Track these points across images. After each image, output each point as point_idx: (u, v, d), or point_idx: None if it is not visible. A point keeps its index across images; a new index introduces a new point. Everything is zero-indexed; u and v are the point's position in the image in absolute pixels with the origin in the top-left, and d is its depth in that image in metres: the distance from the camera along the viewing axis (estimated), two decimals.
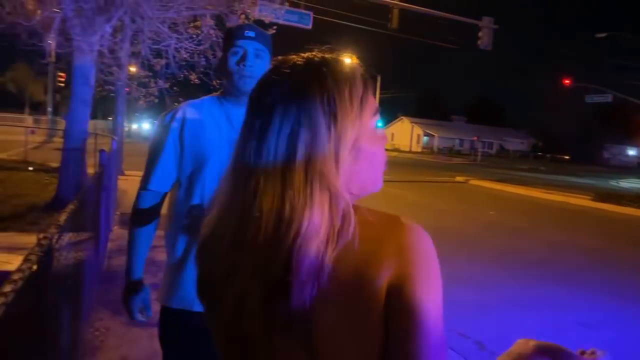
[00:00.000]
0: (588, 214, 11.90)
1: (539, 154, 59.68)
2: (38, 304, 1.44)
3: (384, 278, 0.61)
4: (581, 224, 10.33)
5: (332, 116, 0.64)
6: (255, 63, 1.52)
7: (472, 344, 3.60)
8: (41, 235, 1.39)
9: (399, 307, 0.61)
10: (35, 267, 1.24)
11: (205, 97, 1.63)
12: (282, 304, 0.61)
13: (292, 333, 0.62)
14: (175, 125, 1.52)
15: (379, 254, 0.61)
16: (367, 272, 0.61)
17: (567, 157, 59.21)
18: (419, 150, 59.75)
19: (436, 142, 61.05)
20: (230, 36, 1.57)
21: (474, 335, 3.73)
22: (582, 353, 0.75)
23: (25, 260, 1.18)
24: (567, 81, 29.75)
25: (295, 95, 0.65)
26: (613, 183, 24.06)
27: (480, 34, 17.73)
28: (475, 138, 52.57)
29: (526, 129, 69.63)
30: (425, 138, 63.00)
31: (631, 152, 61.19)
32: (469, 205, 12.09)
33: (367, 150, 0.69)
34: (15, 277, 1.08)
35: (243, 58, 1.51)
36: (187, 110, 1.54)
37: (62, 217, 1.74)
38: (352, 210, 0.63)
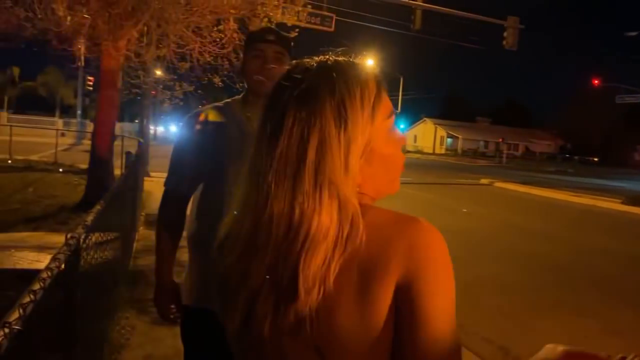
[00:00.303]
0: (617, 218, 11.55)
1: (567, 155, 58.20)
2: (66, 301, 1.49)
3: (391, 279, 0.60)
4: (610, 228, 10.03)
5: (343, 121, 0.64)
6: (276, 67, 1.54)
7: (496, 349, 3.54)
8: (69, 235, 1.43)
9: (407, 308, 0.60)
10: (63, 266, 1.27)
11: (227, 100, 1.65)
12: (290, 307, 0.62)
13: (299, 336, 0.62)
14: (198, 127, 1.54)
15: (387, 255, 0.61)
16: (375, 274, 0.61)
17: (596, 159, 57.57)
18: (443, 152, 59.04)
19: (460, 144, 60.21)
20: (251, 40, 1.60)
21: (498, 340, 3.67)
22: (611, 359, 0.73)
23: (54, 259, 1.21)
24: (596, 81, 28.98)
25: (305, 100, 0.64)
26: None
27: (505, 34, 17.43)
28: (500, 140, 51.61)
29: (553, 130, 68.00)
30: (449, 140, 62.20)
31: None
32: (493, 208, 11.88)
33: (382, 153, 0.69)
34: (44, 275, 1.11)
35: (263, 61, 1.53)
36: (210, 112, 1.57)
37: (89, 218, 1.79)
38: (360, 216, 0.63)
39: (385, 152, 0.70)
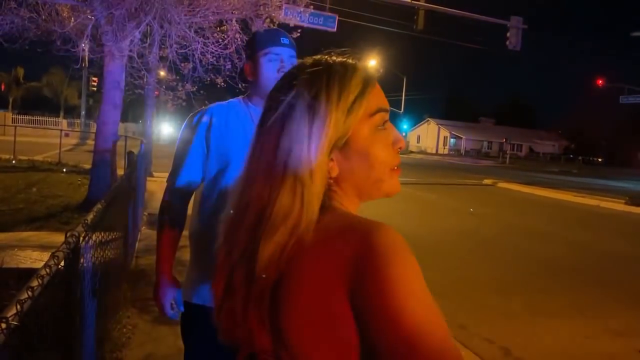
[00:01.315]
0: (621, 218, 11.51)
1: (571, 156, 57.99)
2: (65, 299, 1.50)
3: (342, 279, 0.59)
4: (613, 229, 9.99)
5: (313, 113, 0.66)
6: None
7: (498, 350, 3.53)
8: (68, 234, 1.45)
9: (361, 309, 0.58)
10: (62, 264, 1.29)
11: (231, 100, 1.67)
12: (254, 284, 0.66)
13: (262, 311, 0.66)
14: (202, 126, 1.56)
15: (341, 255, 0.60)
16: (329, 271, 0.61)
17: (600, 160, 57.33)
18: (446, 152, 58.94)
19: (463, 144, 60.10)
20: (264, 42, 1.59)
21: (500, 341, 3.66)
22: None
23: (52, 256, 1.23)
24: (600, 82, 28.84)
25: (287, 94, 0.69)
26: None
27: (508, 34, 17.40)
28: (503, 140, 51.46)
29: (557, 131, 67.77)
30: (452, 140, 62.09)
31: None
32: (496, 208, 11.86)
33: (362, 149, 0.70)
34: (42, 272, 1.12)
35: (281, 65, 1.55)
36: (214, 111, 1.58)
37: (90, 217, 1.80)
38: (318, 210, 0.65)
39: (367, 149, 0.70)
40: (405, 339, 0.54)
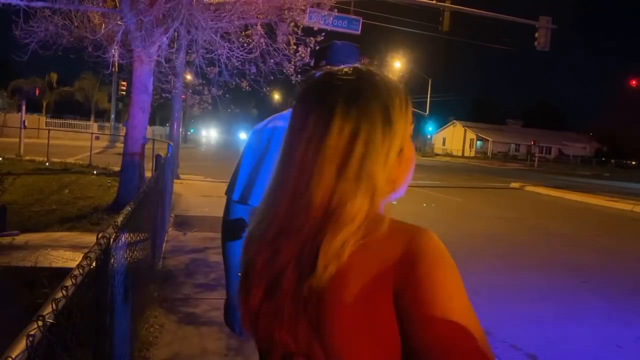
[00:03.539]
0: None
1: (603, 159, 56.28)
2: (97, 299, 1.55)
3: (389, 280, 0.64)
4: None
5: (388, 123, 0.71)
6: None
7: (524, 356, 3.47)
8: (100, 235, 1.50)
9: (406, 310, 0.62)
10: (94, 264, 1.33)
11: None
12: (307, 281, 0.67)
13: (310, 311, 0.67)
14: (264, 136, 1.50)
15: (389, 258, 0.65)
16: (377, 272, 0.64)
17: (633, 163, 55.42)
18: (472, 155, 58.03)
19: (490, 147, 59.07)
20: (343, 55, 1.58)
21: (526, 348, 3.59)
22: None
23: (85, 257, 1.27)
24: (633, 82, 27.94)
25: (354, 100, 0.70)
26: None
27: (537, 34, 17.05)
28: (532, 142, 50.32)
29: (588, 132, 65.90)
30: (479, 142, 61.08)
31: None
32: (523, 212, 11.62)
33: (410, 157, 0.77)
34: (76, 272, 1.17)
35: None
36: (277, 121, 1.54)
37: (120, 219, 1.86)
38: (385, 213, 0.70)
39: (409, 156, 0.76)
40: (446, 339, 0.58)
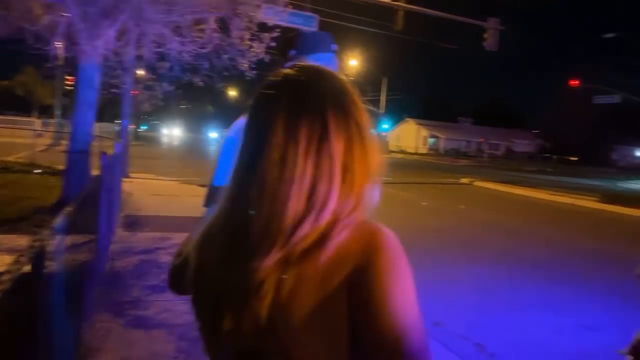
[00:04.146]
0: (594, 216, 11.81)
1: (547, 155, 59.19)
2: (31, 304, 1.47)
3: (347, 272, 0.65)
4: (587, 226, 10.26)
5: (360, 125, 0.72)
6: None
7: (472, 346, 3.59)
8: (33, 238, 1.42)
9: (360, 300, 0.64)
10: (26, 268, 1.26)
11: None
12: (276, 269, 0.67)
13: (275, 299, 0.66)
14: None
15: (349, 251, 0.66)
16: (337, 262, 0.66)
17: (575, 159, 58.69)
18: (425, 152, 59.52)
19: (442, 144, 60.79)
20: (313, 45, 1.55)
21: (474, 337, 3.72)
22: None
23: (15, 262, 1.20)
24: (574, 82, 29.52)
25: (294, 107, 0.70)
26: (621, 184, 23.83)
27: (485, 35, 17.66)
28: (482, 139, 52.27)
29: (534, 130, 69.06)
30: (431, 140, 62.74)
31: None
32: (472, 206, 12.04)
33: (359, 174, 0.76)
34: (4, 277, 1.10)
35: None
36: None
37: (57, 220, 1.76)
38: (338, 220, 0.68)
39: (362, 172, 0.78)
40: (393, 334, 0.62)
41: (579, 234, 9.15)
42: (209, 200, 1.48)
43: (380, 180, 0.76)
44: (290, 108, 0.69)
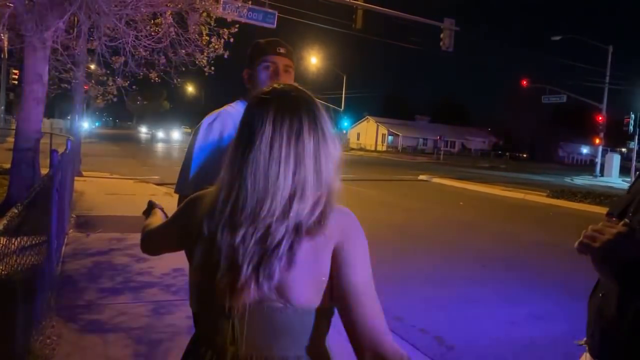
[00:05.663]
0: (544, 210, 12.36)
1: (499, 152, 61.44)
2: None
3: (333, 240, 0.94)
4: (537, 220, 10.72)
5: (301, 142, 0.93)
6: (284, 78, 1.67)
7: (431, 339, 3.67)
8: None
9: (341, 260, 0.94)
10: None
11: (238, 102, 1.76)
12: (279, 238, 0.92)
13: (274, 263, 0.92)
14: (210, 131, 1.64)
15: (335, 227, 0.95)
16: (327, 233, 0.94)
17: (525, 155, 61.22)
18: (384, 149, 60.44)
19: (400, 142, 61.92)
20: (261, 51, 1.71)
21: (433, 331, 3.81)
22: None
23: None
24: (524, 82, 30.83)
25: (287, 115, 0.93)
26: (568, 180, 25.07)
27: (442, 35, 18.10)
28: (438, 137, 53.64)
29: (488, 128, 71.48)
30: (390, 137, 63.78)
31: (585, 150, 63.92)
32: (430, 202, 12.33)
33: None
34: None
35: (275, 74, 1.66)
36: (224, 115, 1.69)
37: (2, 222, 1.67)
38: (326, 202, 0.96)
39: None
40: (362, 280, 0.94)
41: (530, 227, 9.55)
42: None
43: (340, 174, 0.99)
44: (277, 110, 0.92)
